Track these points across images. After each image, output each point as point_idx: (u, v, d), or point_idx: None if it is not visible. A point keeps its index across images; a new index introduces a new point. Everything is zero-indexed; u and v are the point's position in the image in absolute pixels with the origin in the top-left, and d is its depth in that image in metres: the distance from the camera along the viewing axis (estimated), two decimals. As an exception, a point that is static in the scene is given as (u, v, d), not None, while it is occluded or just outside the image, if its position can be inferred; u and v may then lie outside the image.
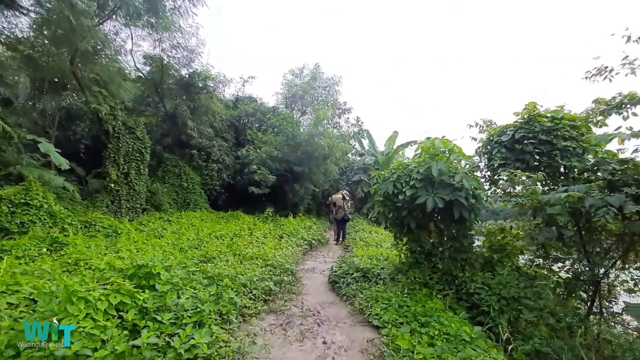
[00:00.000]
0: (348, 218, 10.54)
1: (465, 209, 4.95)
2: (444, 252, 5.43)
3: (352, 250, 9.11)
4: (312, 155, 14.84)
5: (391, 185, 5.21)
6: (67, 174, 13.62)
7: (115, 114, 11.42)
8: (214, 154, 15.06)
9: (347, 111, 20.18)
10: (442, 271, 5.40)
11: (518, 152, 5.47)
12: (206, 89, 14.56)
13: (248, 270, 5.64)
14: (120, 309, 3.13)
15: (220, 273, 5.01)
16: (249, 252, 6.63)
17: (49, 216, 7.69)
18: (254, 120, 16.95)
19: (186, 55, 13.63)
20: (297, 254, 8.21)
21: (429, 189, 4.91)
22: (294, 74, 18.66)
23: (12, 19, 11.00)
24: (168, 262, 4.44)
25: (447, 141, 4.92)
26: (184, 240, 7.61)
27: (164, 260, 4.42)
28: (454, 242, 5.40)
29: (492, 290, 5.04)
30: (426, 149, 5.07)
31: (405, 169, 5.41)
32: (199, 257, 6.00)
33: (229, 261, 6.08)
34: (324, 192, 18.25)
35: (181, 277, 4.16)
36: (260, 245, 7.87)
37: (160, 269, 3.76)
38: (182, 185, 14.21)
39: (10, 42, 10.76)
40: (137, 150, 12.14)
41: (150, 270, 3.69)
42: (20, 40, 10.60)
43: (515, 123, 5.70)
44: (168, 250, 6.77)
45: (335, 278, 5.98)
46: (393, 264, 6.39)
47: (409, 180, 5.14)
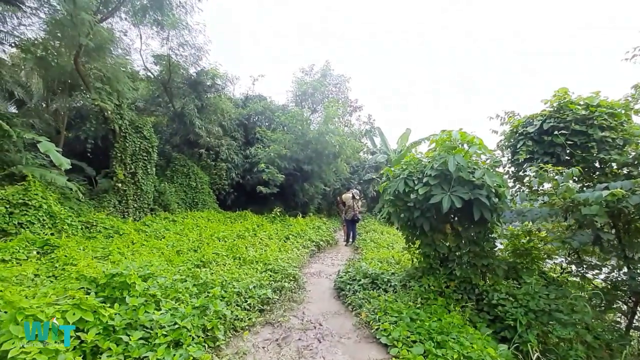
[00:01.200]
0: (358, 218, 9.92)
1: (486, 209, 4.31)
2: (461, 257, 4.79)
3: (362, 252, 8.51)
4: (322, 154, 14.27)
5: (402, 183, 4.60)
6: (77, 174, 13.52)
7: (121, 113, 11.12)
8: (223, 153, 14.67)
9: (358, 109, 19.52)
10: (460, 279, 4.76)
11: (547, 144, 4.77)
12: (214, 87, 14.18)
13: (246, 276, 5.13)
14: (80, 328, 2.63)
15: (214, 280, 4.51)
16: (250, 255, 6.12)
17: (48, 217, 7.37)
18: (264, 118, 16.50)
19: (194, 53, 13.27)
20: (303, 256, 7.66)
21: (445, 187, 4.28)
22: (304, 72, 18.13)
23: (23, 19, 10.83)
24: (151, 268, 3.94)
25: (465, 133, 4.28)
26: (184, 242, 7.17)
27: (146, 267, 3.93)
28: (474, 246, 4.75)
29: (519, 302, 4.37)
30: (441, 141, 4.43)
31: (417, 165, 4.79)
32: (195, 261, 5.52)
33: (227, 265, 5.58)
34: (335, 191, 17.66)
35: (164, 287, 3.66)
36: (264, 247, 7.36)
37: (136, 278, 3.26)
38: (191, 185, 13.87)
39: (23, 45, 10.63)
40: (144, 150, 11.83)
41: (125, 279, 3.20)
42: (34, 42, 10.44)
43: (544, 112, 4.98)
44: (166, 253, 6.33)
45: (341, 285, 5.40)
46: (405, 269, 5.77)
47: (422, 177, 4.51)
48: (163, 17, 11.10)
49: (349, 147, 14.39)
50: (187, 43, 13.03)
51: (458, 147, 4.28)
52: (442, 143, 4.35)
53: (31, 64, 11.40)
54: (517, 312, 4.27)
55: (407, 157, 4.98)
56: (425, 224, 4.66)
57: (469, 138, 4.18)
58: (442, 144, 4.31)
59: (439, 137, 4.39)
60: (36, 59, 10.29)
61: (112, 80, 9.07)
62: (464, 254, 4.77)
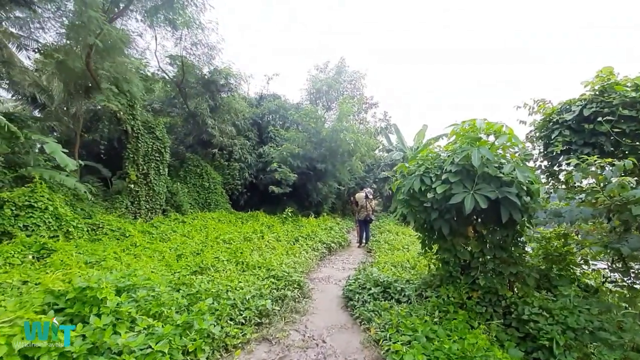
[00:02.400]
0: (371, 219, 9.30)
1: (516, 210, 3.64)
2: (486, 264, 4.13)
3: (375, 255, 7.91)
4: (336, 152, 13.71)
5: (417, 181, 3.99)
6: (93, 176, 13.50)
7: (134, 113, 10.94)
8: (236, 153, 14.34)
9: (373, 106, 18.81)
10: (484, 289, 4.10)
11: (588, 133, 4.04)
12: (228, 86, 13.85)
13: (246, 283, 4.65)
14: (29, 356, 2.19)
15: (209, 289, 4.04)
16: (253, 260, 5.65)
17: (54, 219, 7.14)
18: (277, 117, 16.07)
19: (206, 52, 12.98)
20: (312, 260, 7.13)
21: (467, 185, 3.65)
22: (318, 69, 17.60)
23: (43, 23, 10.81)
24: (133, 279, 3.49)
25: (492, 122, 3.62)
26: (188, 245, 6.78)
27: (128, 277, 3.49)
28: (500, 251, 4.08)
29: (555, 318, 3.68)
30: (463, 132, 3.79)
31: (435, 160, 4.16)
32: (194, 266, 5.08)
33: (228, 271, 5.12)
34: (349, 191, 17.06)
35: (145, 300, 3.20)
36: (271, 250, 6.88)
37: (108, 293, 2.81)
38: (204, 186, 13.60)
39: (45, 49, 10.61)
40: (157, 150, 11.62)
41: (96, 294, 2.76)
42: (56, 47, 10.39)
43: (583, 96, 4.24)
44: (167, 258, 5.95)
45: (349, 293, 4.83)
46: (421, 276, 5.14)
47: (441, 174, 3.89)
48: (174, 16, 10.82)
49: (364, 144, 13.76)
50: (200, 42, 12.75)
51: (483, 138, 3.62)
52: (463, 134, 3.71)
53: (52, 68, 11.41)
54: (553, 330, 3.59)
55: (424, 151, 4.36)
56: (444, 226, 4.03)
57: (495, 127, 3.52)
58: (463, 135, 3.67)
59: (459, 127, 3.75)
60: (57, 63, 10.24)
61: (121, 80, 8.80)
62: (488, 260, 4.12)
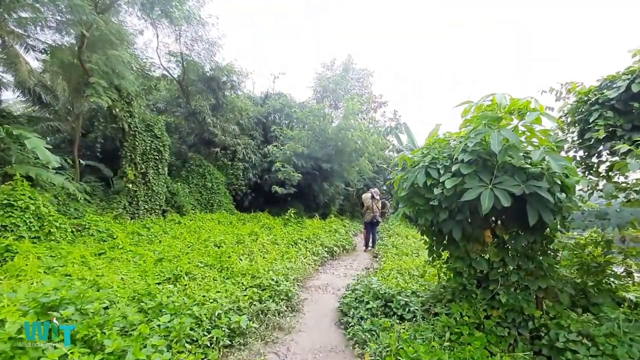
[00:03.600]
0: (377, 221, 8.53)
1: (546, 210, 2.86)
2: (508, 276, 3.35)
3: (381, 260, 7.14)
4: (343, 151, 13.00)
5: (422, 174, 3.24)
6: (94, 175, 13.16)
7: (131, 110, 10.52)
8: (240, 153, 13.78)
9: (382, 104, 18.04)
10: (507, 307, 3.31)
11: (638, 114, 3.22)
12: (230, 83, 13.33)
13: (224, 294, 3.99)
14: None
15: (174, 302, 3.39)
16: (239, 266, 4.99)
17: (35, 219, 6.66)
18: (282, 116, 15.48)
19: (207, 48, 12.51)
20: (310, 265, 6.42)
21: (485, 178, 2.89)
22: (325, 67, 16.96)
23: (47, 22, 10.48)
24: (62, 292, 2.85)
25: (516, 99, 2.83)
26: (173, 248, 6.18)
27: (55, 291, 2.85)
28: (526, 261, 3.29)
29: (600, 348, 2.87)
30: (480, 110, 3.02)
31: (443, 149, 3.41)
32: (168, 272, 4.45)
33: (207, 278, 4.47)
34: (358, 192, 16.30)
35: (72, 320, 2.55)
36: (265, 254, 6.22)
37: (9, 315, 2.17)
38: (206, 186, 13.08)
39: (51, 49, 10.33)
40: (155, 149, 11.14)
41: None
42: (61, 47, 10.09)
43: (631, 69, 3.40)
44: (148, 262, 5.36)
45: (344, 307, 4.10)
46: (429, 288, 4.37)
47: (450, 165, 3.15)
48: (170, 9, 10.36)
49: (372, 143, 13.01)
50: (200, 38, 12.30)
51: (505, 118, 2.84)
52: (481, 112, 2.93)
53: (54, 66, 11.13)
54: (598, 363, 2.79)
55: (429, 138, 3.62)
56: (456, 230, 3.27)
57: (521, 103, 2.73)
58: (479, 116, 2.90)
59: (475, 105, 2.98)
60: (53, 59, 9.91)
61: (111, 74, 8.33)
62: (511, 272, 3.33)
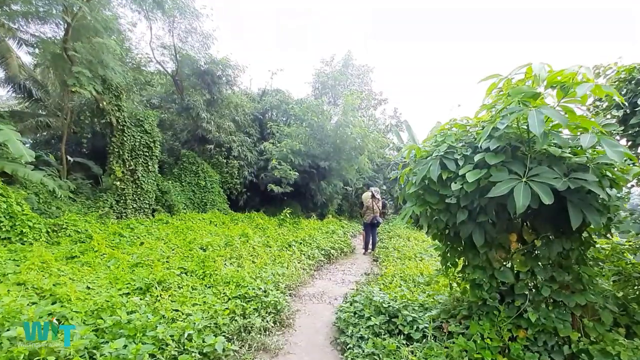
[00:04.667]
0: (378, 222, 7.93)
1: (591, 209, 2.28)
2: (538, 290, 2.75)
3: (382, 265, 6.54)
4: (342, 149, 12.40)
5: (436, 166, 2.64)
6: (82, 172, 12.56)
7: (119, 104, 9.91)
8: (235, 150, 13.17)
9: (383, 102, 17.45)
10: (537, 327, 2.71)
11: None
12: (225, 77, 12.72)
13: (202, 307, 3.39)
14: None
15: (139, 318, 2.79)
16: (222, 273, 4.38)
17: (7, 217, 6.07)
18: (280, 113, 14.88)
19: (201, 40, 11.92)
20: (305, 270, 5.82)
21: (517, 169, 2.29)
22: (324, 62, 16.34)
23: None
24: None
25: (560, 70, 2.22)
26: (154, 251, 5.57)
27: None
28: (561, 273, 2.69)
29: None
30: (509, 86, 2.41)
31: (462, 135, 2.82)
32: (139, 281, 3.84)
33: (184, 288, 3.86)
34: (357, 191, 15.70)
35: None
36: (254, 258, 5.61)
37: None
38: (200, 184, 12.46)
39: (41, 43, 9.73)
40: (145, 145, 10.52)
41: None
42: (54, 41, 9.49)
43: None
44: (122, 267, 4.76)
45: (341, 323, 3.49)
46: (439, 299, 3.76)
47: (472, 154, 2.55)
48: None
49: (372, 140, 12.42)
50: (194, 30, 11.70)
51: (542, 96, 2.23)
52: (510, 90, 2.32)
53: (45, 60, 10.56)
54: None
55: (443, 125, 3.02)
56: (477, 233, 2.68)
57: (568, 73, 2.13)
58: (512, 90, 2.27)
59: (504, 79, 2.37)
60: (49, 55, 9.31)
61: (95, 63, 7.73)
62: (542, 285, 2.73)
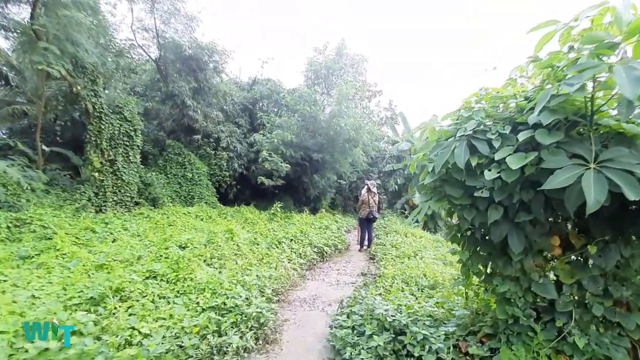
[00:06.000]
0: (374, 217, 7.31)
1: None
2: (587, 307, 2.15)
3: (380, 264, 5.94)
4: (336, 141, 11.74)
5: (462, 148, 2.01)
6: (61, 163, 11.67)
7: (96, 89, 9.07)
8: (224, 141, 12.39)
9: (377, 93, 16.76)
10: (585, 354, 2.12)
11: None
12: (213, 64, 11.89)
13: (166, 322, 2.73)
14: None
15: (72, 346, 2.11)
16: (198, 277, 3.71)
17: (-42, 212, 5.30)
18: (271, 103, 14.11)
19: (186, 23, 11.05)
20: (296, 270, 5.19)
21: (582, 151, 1.67)
22: (317, 51, 15.51)
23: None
24: None
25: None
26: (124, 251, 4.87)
27: None
28: (618, 287, 2.10)
29: None
30: (568, 38, 1.77)
31: (495, 107, 2.18)
32: (96, 289, 3.15)
33: (149, 296, 3.19)
34: (351, 185, 15.09)
35: None
36: (239, 257, 4.95)
37: None
38: (187, 176, 11.68)
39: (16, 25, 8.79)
40: (125, 134, 9.71)
41: None
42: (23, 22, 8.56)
43: None
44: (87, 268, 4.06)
45: (338, 343, 2.84)
46: (453, 311, 3.15)
47: (511, 133, 1.92)
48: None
49: (366, 132, 11.78)
50: (177, 12, 10.83)
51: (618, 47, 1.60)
52: (566, 40, 1.68)
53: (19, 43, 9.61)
54: None
55: (467, 100, 2.36)
56: (515, 237, 2.05)
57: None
58: (584, 36, 1.62)
59: (564, 28, 1.72)
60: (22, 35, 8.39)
61: (63, 40, 6.89)
62: (594, 301, 2.13)
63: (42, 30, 6.66)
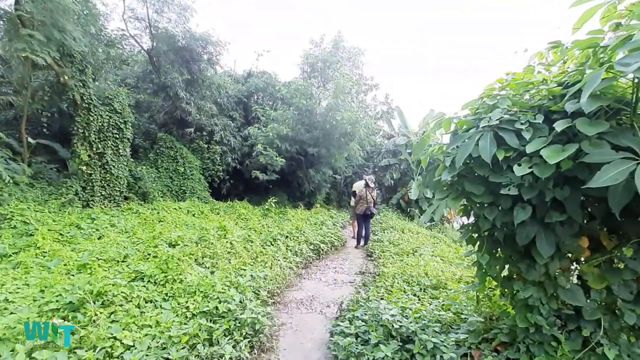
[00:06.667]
0: (372, 212, 7.08)
1: None
2: (618, 315, 1.95)
3: (378, 261, 5.73)
4: (332, 135, 11.45)
5: (487, 140, 1.77)
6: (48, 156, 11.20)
7: (84, 79, 8.64)
8: (217, 135, 12.02)
9: (374, 87, 16.47)
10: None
11: None
12: (207, 55, 11.47)
13: (153, 330, 2.47)
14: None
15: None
16: (188, 279, 3.44)
17: None
18: (266, 96, 13.74)
19: (179, 12, 10.60)
20: (292, 269, 4.94)
21: (632, 144, 1.43)
22: (313, 44, 15.15)
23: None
24: None
25: None
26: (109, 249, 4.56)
27: None
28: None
29: None
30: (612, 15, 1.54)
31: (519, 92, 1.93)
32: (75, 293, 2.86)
33: (135, 300, 2.91)
34: (346, 180, 14.85)
35: None
36: (232, 256, 4.68)
37: None
38: (178, 171, 11.31)
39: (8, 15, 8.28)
40: (115, 126, 9.29)
41: None
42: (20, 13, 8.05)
43: None
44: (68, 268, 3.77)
45: (341, 353, 2.60)
46: (462, 315, 2.94)
47: (544, 123, 1.68)
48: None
49: (363, 127, 11.52)
50: (171, 1, 10.38)
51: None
52: (612, 17, 1.45)
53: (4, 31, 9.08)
54: None
55: (490, 86, 2.12)
56: (544, 239, 1.82)
57: None
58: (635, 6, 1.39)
59: (611, 2, 1.50)
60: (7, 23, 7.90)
61: (49, 25, 6.47)
62: (626, 308, 1.92)
63: (27, 17, 6.22)
